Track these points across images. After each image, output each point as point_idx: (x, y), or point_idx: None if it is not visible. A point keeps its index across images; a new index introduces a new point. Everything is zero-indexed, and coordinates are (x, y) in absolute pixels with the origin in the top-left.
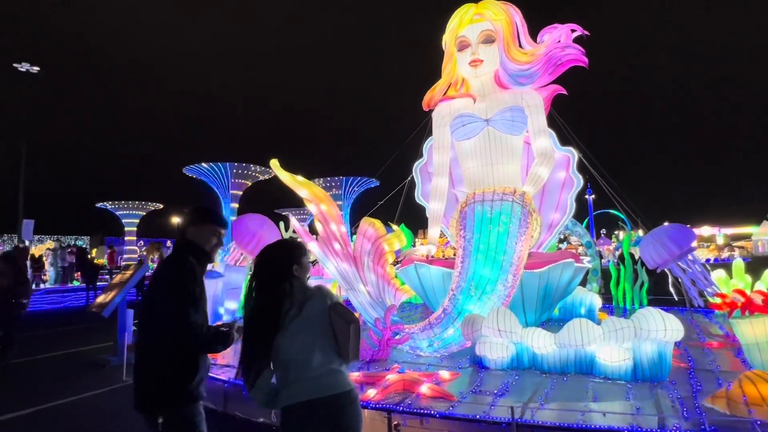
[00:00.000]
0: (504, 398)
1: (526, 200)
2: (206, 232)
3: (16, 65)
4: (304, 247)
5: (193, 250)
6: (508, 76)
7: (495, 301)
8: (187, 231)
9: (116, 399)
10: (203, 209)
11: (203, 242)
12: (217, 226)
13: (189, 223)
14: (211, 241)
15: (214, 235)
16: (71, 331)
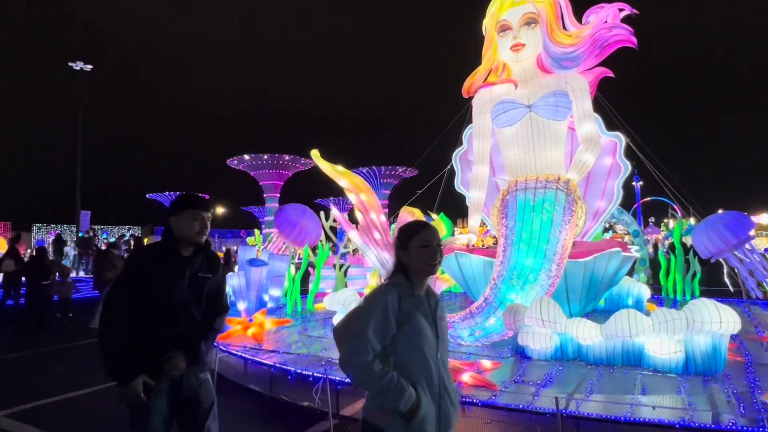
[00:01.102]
0: (548, 389)
1: (570, 188)
2: (186, 219)
3: (71, 64)
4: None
5: (168, 240)
6: (552, 59)
7: (538, 290)
8: (170, 222)
9: None
10: (180, 196)
11: (184, 230)
12: (196, 209)
13: (168, 215)
14: (193, 227)
15: (195, 220)
16: None
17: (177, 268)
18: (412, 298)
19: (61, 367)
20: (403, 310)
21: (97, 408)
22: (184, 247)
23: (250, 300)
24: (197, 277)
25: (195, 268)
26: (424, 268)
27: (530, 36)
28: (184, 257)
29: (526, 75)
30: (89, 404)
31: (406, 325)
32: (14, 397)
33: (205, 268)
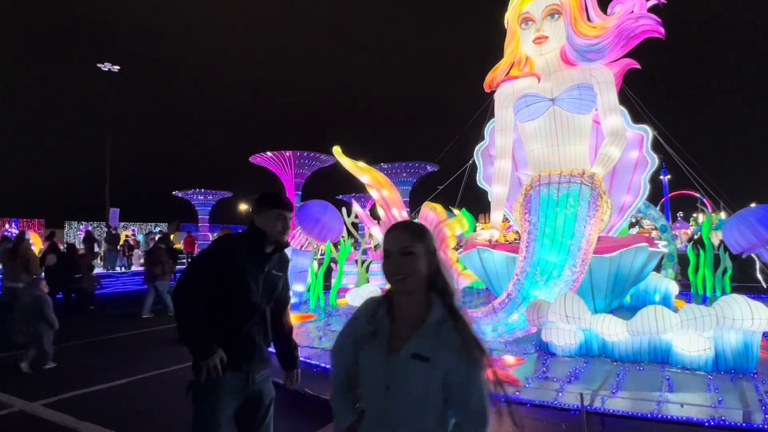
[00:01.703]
0: (572, 385)
1: (595, 182)
2: (270, 218)
3: (100, 65)
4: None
5: (255, 236)
6: (576, 52)
7: (562, 286)
8: (254, 220)
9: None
10: (265, 195)
11: (269, 228)
12: (281, 210)
13: (254, 212)
14: (277, 226)
15: (279, 220)
16: (154, 310)
17: (259, 264)
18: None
19: (95, 359)
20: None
21: (130, 399)
22: (267, 245)
23: None
24: (271, 274)
25: (271, 266)
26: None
27: (553, 28)
28: (266, 254)
29: (549, 68)
30: (123, 395)
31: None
32: (50, 388)
33: (278, 267)
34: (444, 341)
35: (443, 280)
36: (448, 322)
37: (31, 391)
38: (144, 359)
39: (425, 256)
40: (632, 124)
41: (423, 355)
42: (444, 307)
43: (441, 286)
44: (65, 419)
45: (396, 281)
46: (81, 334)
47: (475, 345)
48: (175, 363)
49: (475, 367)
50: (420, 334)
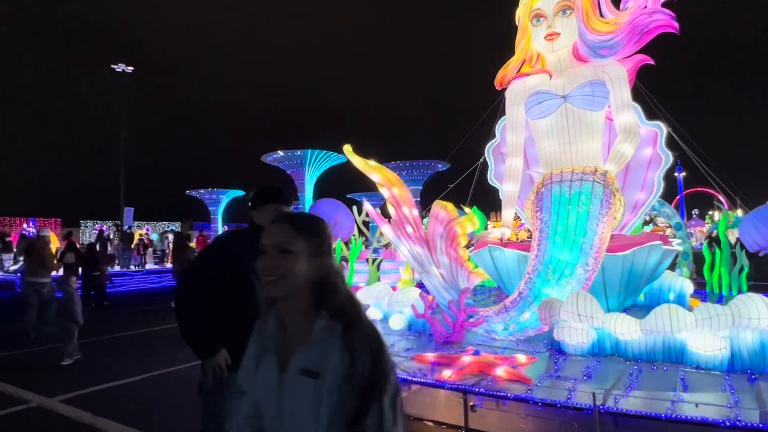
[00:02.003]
0: (585, 384)
1: (608, 180)
2: (267, 213)
3: (114, 66)
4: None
5: (255, 233)
6: (588, 48)
7: (574, 284)
8: (252, 216)
9: None
10: (262, 190)
11: (266, 224)
12: (278, 204)
13: (251, 208)
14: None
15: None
16: (168, 308)
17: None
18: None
19: (110, 357)
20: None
21: (145, 396)
22: None
23: None
24: None
25: None
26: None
27: (565, 24)
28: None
29: (561, 65)
30: (138, 392)
31: None
32: (66, 384)
33: None
34: (330, 358)
35: (333, 287)
36: (336, 338)
37: (48, 387)
38: (158, 356)
39: (307, 257)
40: (646, 120)
41: (311, 369)
42: (331, 320)
43: (328, 294)
44: (81, 415)
45: (267, 282)
46: (96, 331)
47: (370, 365)
48: (189, 361)
49: (370, 391)
50: (306, 348)
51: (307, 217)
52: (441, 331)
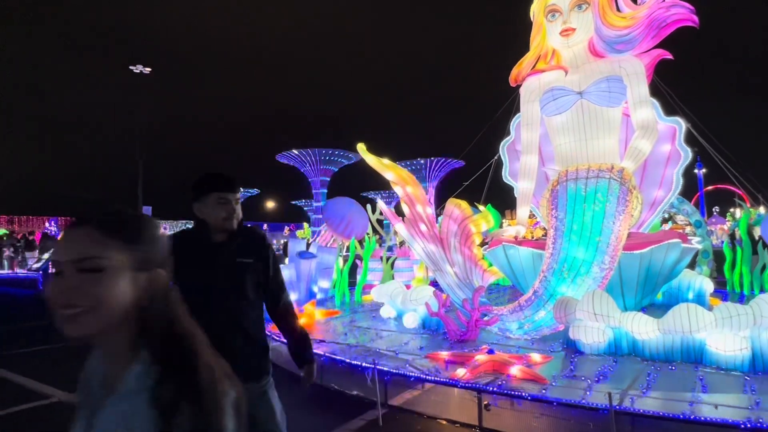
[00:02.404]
0: (601, 384)
1: (624, 177)
2: (210, 204)
3: (132, 67)
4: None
5: (198, 227)
6: (604, 43)
7: (590, 283)
8: (194, 209)
9: None
10: (201, 178)
11: (210, 217)
12: (221, 193)
13: (192, 200)
14: (218, 212)
15: (220, 204)
16: None
17: (207, 257)
18: None
19: None
20: None
21: None
22: (216, 233)
23: (301, 291)
24: (235, 264)
25: (231, 255)
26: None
27: (581, 19)
28: (216, 244)
29: (576, 60)
30: None
31: None
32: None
33: (247, 252)
34: (136, 421)
35: (160, 315)
36: (146, 391)
37: (71, 383)
38: None
39: (128, 273)
40: (664, 116)
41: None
42: (153, 365)
43: (152, 326)
44: None
45: (64, 319)
46: None
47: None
48: None
49: None
50: (114, 403)
51: (123, 214)
52: (455, 330)
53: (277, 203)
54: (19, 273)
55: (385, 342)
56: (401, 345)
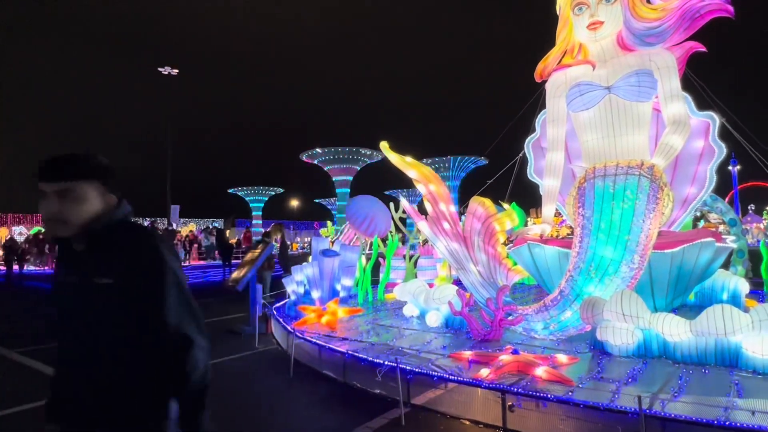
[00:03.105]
0: (630, 387)
1: (655, 174)
2: (41, 200)
3: (160, 69)
4: None
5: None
6: (634, 36)
7: (618, 283)
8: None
9: (247, 363)
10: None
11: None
12: (40, 182)
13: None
14: (46, 207)
15: (41, 198)
16: (210, 302)
17: (67, 271)
18: None
19: None
20: None
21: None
22: (75, 239)
23: (324, 289)
24: (90, 284)
25: (85, 272)
26: None
27: (609, 12)
28: (75, 254)
29: (604, 54)
30: None
31: None
32: None
33: (104, 269)
34: None
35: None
36: None
37: None
38: None
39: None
40: (697, 111)
41: None
42: None
43: None
44: None
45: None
46: None
47: None
48: (229, 354)
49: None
50: None
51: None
52: (478, 329)
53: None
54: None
55: (407, 341)
56: (424, 344)
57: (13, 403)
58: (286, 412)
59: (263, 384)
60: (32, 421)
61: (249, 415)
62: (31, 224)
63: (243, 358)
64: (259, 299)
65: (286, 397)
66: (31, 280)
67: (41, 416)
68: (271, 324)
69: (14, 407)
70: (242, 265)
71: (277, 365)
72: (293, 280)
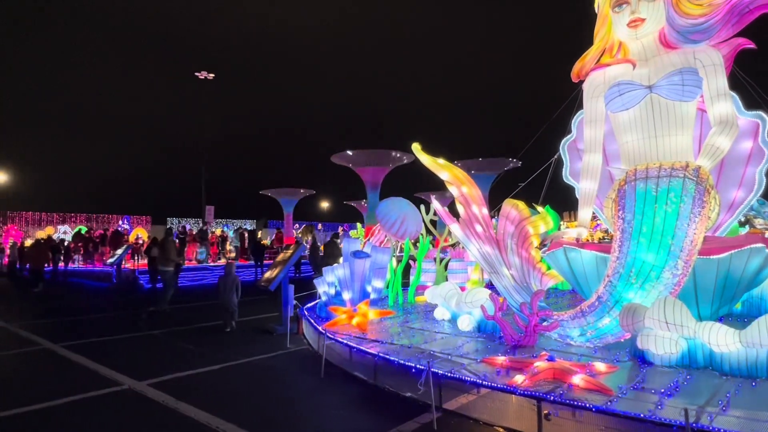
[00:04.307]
0: (673, 399)
1: (701, 176)
2: None
3: (197, 74)
4: None
5: None
6: (677, 33)
7: (660, 290)
8: None
9: (279, 363)
10: None
11: None
12: None
13: None
14: None
15: None
16: (243, 302)
17: None
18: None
19: (190, 345)
20: None
21: (221, 384)
22: None
23: (354, 290)
24: None
25: None
26: None
27: (651, 9)
28: None
29: (646, 53)
30: (215, 380)
31: None
32: (154, 369)
33: None
34: None
35: None
36: None
37: (139, 371)
38: (233, 347)
39: None
40: (745, 110)
41: None
42: None
43: None
44: (166, 399)
45: None
46: (177, 321)
47: None
48: (261, 353)
49: None
50: None
51: None
52: (512, 334)
53: (331, 203)
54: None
55: (439, 344)
56: (456, 348)
57: (57, 396)
58: (318, 413)
59: (295, 383)
60: (74, 414)
61: (281, 413)
62: (75, 223)
63: (275, 357)
64: (291, 300)
65: (318, 398)
66: (75, 276)
67: (83, 409)
68: (302, 324)
69: (56, 399)
70: (274, 265)
71: (308, 365)
72: (324, 281)
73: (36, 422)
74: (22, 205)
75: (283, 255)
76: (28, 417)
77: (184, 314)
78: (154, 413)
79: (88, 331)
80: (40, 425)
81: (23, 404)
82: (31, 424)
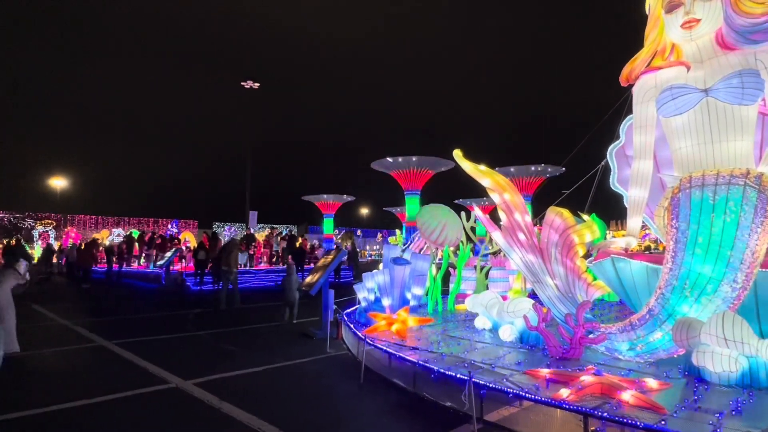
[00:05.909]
0: (733, 420)
1: (764, 184)
2: None
3: (243, 83)
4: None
5: None
6: (736, 33)
7: (718, 303)
8: None
9: (319, 367)
10: None
11: None
12: None
13: None
14: None
15: None
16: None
17: None
18: None
19: (234, 347)
20: None
21: (263, 386)
22: None
23: (394, 297)
24: None
25: None
26: None
27: (707, 9)
28: None
29: (701, 55)
30: (257, 382)
31: None
32: (199, 369)
33: None
34: None
35: None
36: None
37: (185, 371)
38: (274, 350)
39: None
40: None
41: None
42: None
43: None
44: (210, 398)
45: None
46: (223, 323)
47: None
48: (301, 356)
49: None
50: None
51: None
52: (556, 346)
53: (371, 210)
54: (139, 268)
55: (479, 354)
56: (497, 358)
57: (111, 391)
58: (358, 419)
59: (335, 388)
60: (125, 410)
61: (321, 417)
62: (128, 226)
63: (315, 361)
64: (331, 304)
65: (357, 403)
66: (128, 278)
67: (134, 405)
68: (342, 329)
69: (110, 395)
70: (315, 270)
71: (347, 370)
72: (364, 287)
73: (89, 416)
74: (81, 209)
75: (323, 260)
76: (84, 410)
77: (229, 317)
78: (199, 412)
79: (139, 330)
80: (93, 418)
81: (79, 398)
82: (85, 418)
